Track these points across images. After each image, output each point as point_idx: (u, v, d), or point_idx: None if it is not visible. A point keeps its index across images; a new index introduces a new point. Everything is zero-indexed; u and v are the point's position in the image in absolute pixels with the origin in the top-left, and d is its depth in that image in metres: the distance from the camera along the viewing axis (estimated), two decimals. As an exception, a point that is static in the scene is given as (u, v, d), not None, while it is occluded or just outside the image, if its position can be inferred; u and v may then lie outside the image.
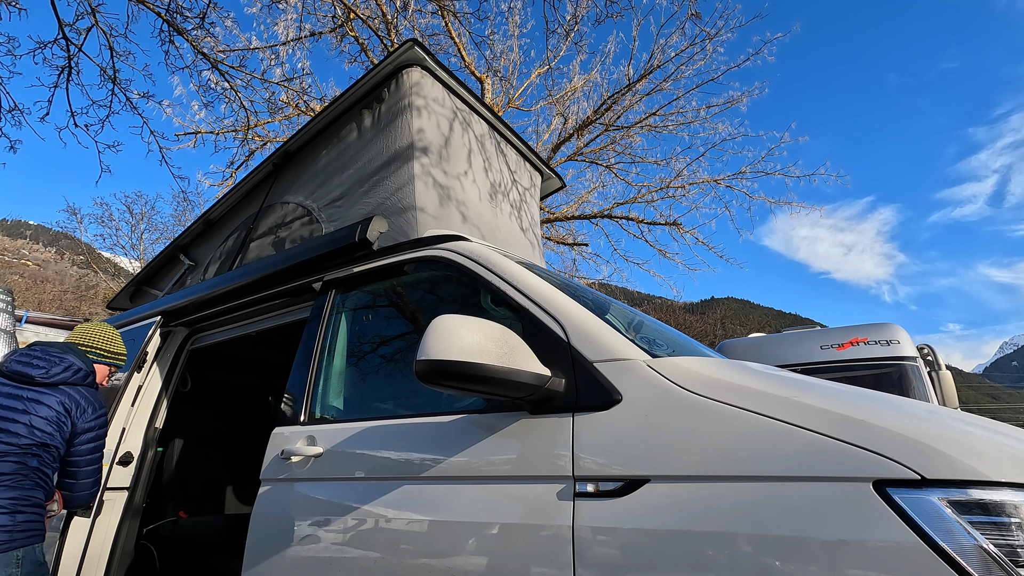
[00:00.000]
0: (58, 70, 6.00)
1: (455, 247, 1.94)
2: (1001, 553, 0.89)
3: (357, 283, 2.27)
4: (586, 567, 1.19)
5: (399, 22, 9.29)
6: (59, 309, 23.44)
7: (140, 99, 6.73)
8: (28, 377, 2.08)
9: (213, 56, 6.83)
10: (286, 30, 8.70)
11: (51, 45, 5.92)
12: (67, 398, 2.10)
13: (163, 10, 6.00)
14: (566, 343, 1.46)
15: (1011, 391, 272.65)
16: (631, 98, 10.91)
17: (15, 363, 2.11)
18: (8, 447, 1.92)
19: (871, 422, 1.06)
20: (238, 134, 8.94)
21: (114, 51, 6.14)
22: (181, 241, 3.97)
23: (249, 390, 4.66)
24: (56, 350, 2.21)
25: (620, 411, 1.30)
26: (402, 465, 1.63)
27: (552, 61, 10.93)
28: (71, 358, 2.20)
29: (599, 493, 1.25)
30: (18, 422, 1.97)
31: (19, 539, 1.84)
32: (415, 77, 2.72)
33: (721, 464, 1.13)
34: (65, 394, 2.10)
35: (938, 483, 0.95)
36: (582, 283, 4.12)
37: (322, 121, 3.05)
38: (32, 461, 1.96)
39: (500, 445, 1.45)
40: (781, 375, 1.37)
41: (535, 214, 3.77)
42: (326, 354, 2.15)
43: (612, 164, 11.78)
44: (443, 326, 1.29)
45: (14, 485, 1.89)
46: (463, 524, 1.41)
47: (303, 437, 1.92)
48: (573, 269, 12.70)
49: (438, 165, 2.66)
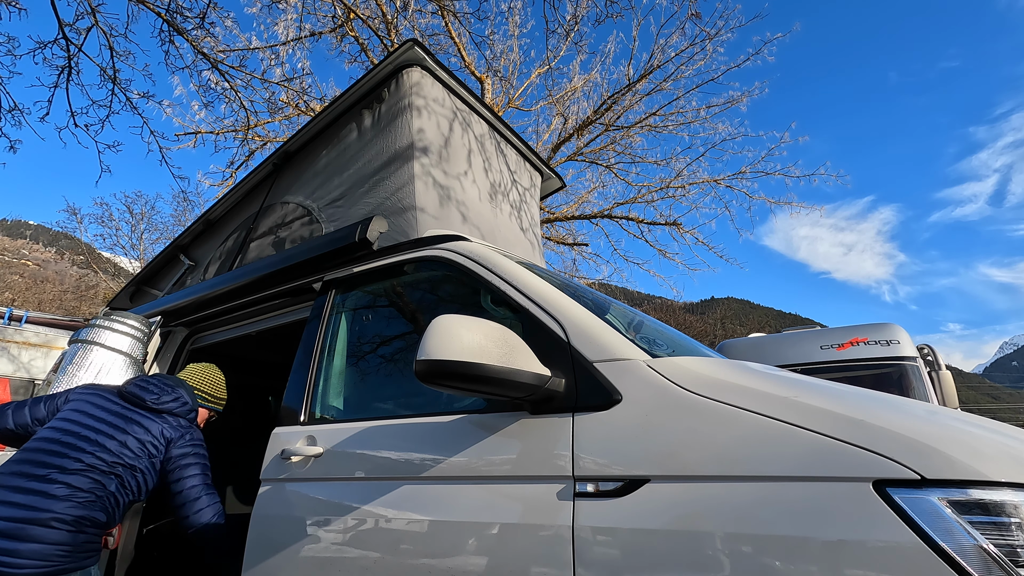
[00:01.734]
0: (58, 70, 6.00)
1: (455, 247, 1.94)
2: (1001, 553, 0.89)
3: (357, 283, 2.27)
4: (586, 567, 1.19)
5: (399, 22, 9.29)
6: (59, 309, 23.41)
7: (140, 99, 6.73)
8: (140, 400, 2.19)
9: (213, 56, 6.83)
10: (286, 30, 8.70)
11: (51, 45, 5.92)
12: (168, 427, 2.16)
13: (163, 10, 6.00)
14: (566, 343, 1.46)
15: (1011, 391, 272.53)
16: (631, 98, 10.92)
17: (133, 386, 2.23)
18: (96, 461, 1.93)
19: (871, 422, 1.06)
20: (238, 134, 8.94)
21: (114, 51, 6.15)
22: (181, 241, 3.97)
23: (249, 390, 4.66)
24: (170, 382, 2.32)
25: (620, 411, 1.30)
26: (402, 465, 1.63)
27: (552, 61, 10.94)
28: (182, 391, 2.30)
29: (599, 493, 1.25)
30: (113, 439, 2.02)
31: (79, 560, 1.80)
32: (415, 77, 2.72)
33: (721, 464, 1.13)
34: (167, 423, 2.17)
35: (938, 483, 0.95)
36: (582, 283, 4.12)
37: (322, 121, 3.05)
38: (111, 484, 1.94)
39: (500, 445, 1.45)
40: (781, 375, 1.37)
41: (535, 214, 3.77)
42: (326, 354, 2.15)
43: (612, 164, 11.78)
44: (443, 326, 1.29)
45: (84, 504, 1.84)
46: (463, 524, 1.41)
47: (303, 437, 1.92)
48: (573, 269, 12.71)
49: (438, 165, 2.66)
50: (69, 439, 1.96)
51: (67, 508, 1.79)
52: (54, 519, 1.75)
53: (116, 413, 2.12)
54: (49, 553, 1.71)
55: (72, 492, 1.83)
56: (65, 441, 1.95)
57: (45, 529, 1.73)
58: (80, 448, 1.94)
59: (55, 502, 1.78)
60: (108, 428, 2.05)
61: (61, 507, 1.78)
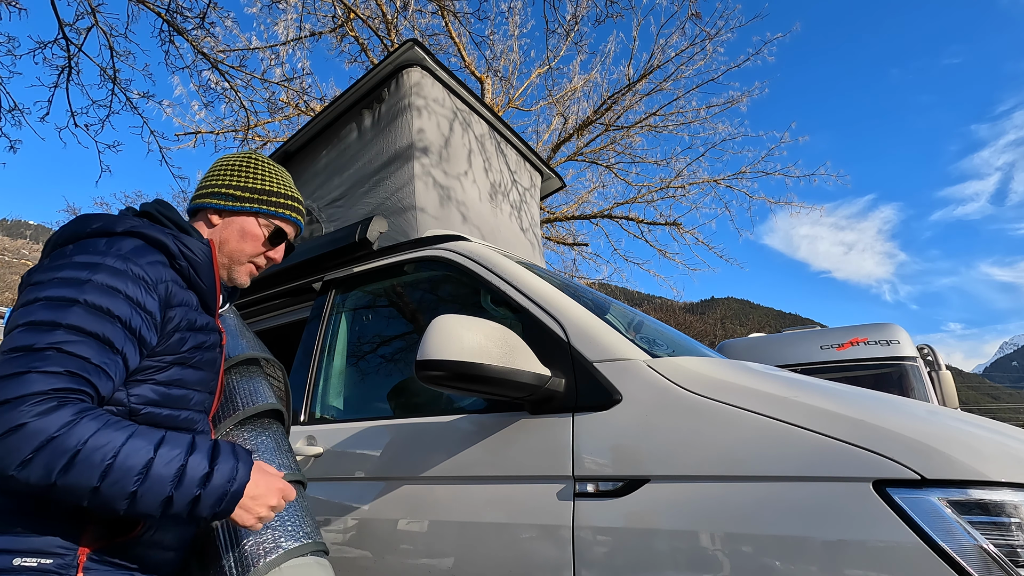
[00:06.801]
0: (58, 70, 6.00)
1: (455, 247, 1.94)
2: (1001, 553, 0.89)
3: (357, 283, 2.27)
4: (586, 567, 1.19)
5: (399, 22, 9.29)
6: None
7: (140, 99, 6.74)
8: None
9: (213, 56, 6.83)
10: (286, 30, 8.70)
11: (51, 45, 5.93)
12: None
13: (163, 10, 6.00)
14: (566, 343, 1.46)
15: (1011, 391, 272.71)
16: (631, 98, 10.91)
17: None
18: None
19: (871, 422, 1.06)
20: (238, 134, 8.94)
21: (114, 51, 6.15)
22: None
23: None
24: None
25: (620, 411, 1.30)
26: (402, 465, 1.63)
27: (552, 61, 10.93)
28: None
29: (599, 493, 1.25)
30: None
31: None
32: (415, 77, 2.72)
33: (721, 464, 1.13)
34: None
35: (938, 483, 0.96)
36: (582, 283, 4.12)
37: (322, 121, 3.04)
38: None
39: (500, 445, 1.45)
40: (781, 375, 1.37)
41: (535, 214, 3.77)
42: (326, 354, 2.15)
43: (612, 164, 11.78)
44: (443, 326, 1.29)
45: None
46: (463, 524, 1.41)
47: (303, 437, 1.92)
48: (573, 269, 12.70)
49: (438, 165, 2.66)
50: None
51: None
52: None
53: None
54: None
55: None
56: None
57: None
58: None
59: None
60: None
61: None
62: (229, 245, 1.27)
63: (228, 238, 1.27)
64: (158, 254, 1.07)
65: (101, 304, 0.94)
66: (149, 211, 1.17)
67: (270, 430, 1.37)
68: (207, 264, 1.14)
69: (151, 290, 1.02)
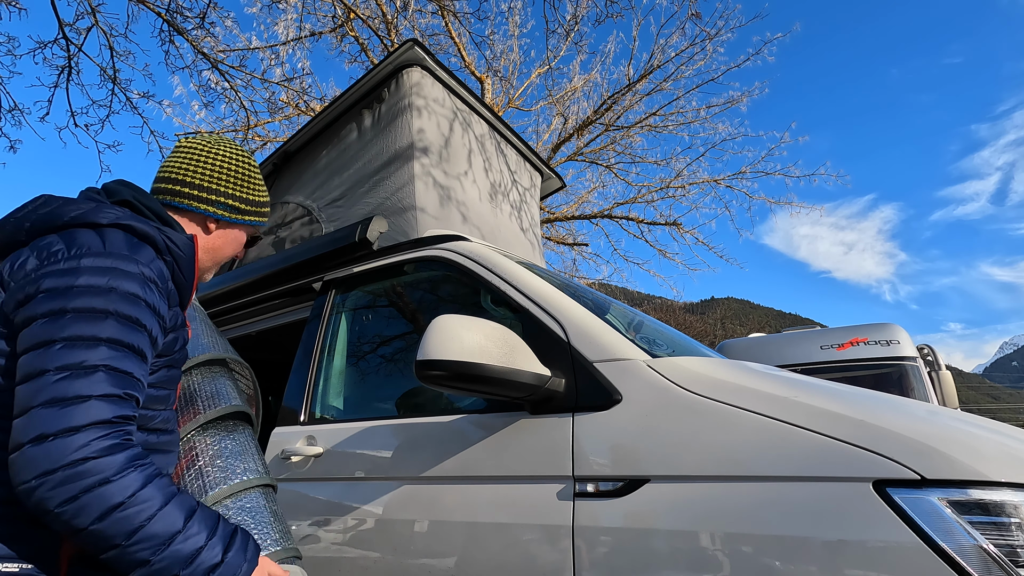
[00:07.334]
0: (58, 70, 6.01)
1: (455, 247, 1.94)
2: (1001, 553, 0.89)
3: (357, 283, 2.27)
4: (586, 567, 1.19)
5: (399, 22, 9.29)
6: (59, 309, 23.35)
7: (140, 99, 6.75)
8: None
9: (213, 56, 6.84)
10: (286, 30, 8.70)
11: (51, 45, 5.93)
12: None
13: (163, 10, 6.00)
14: (566, 343, 1.46)
15: (1011, 391, 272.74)
16: (631, 98, 10.91)
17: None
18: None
19: (871, 422, 1.06)
20: (238, 134, 8.94)
21: (114, 51, 6.15)
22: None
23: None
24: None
25: (620, 411, 1.30)
26: (402, 465, 1.63)
27: (552, 61, 10.93)
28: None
29: (599, 493, 1.25)
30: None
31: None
32: (415, 77, 2.72)
33: (721, 464, 1.13)
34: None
35: (938, 483, 0.96)
36: (582, 283, 4.12)
37: (322, 121, 3.04)
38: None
39: (500, 445, 1.45)
40: (781, 375, 1.37)
41: (535, 214, 3.77)
42: (326, 354, 2.15)
43: (612, 164, 11.78)
44: (443, 326, 1.29)
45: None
46: (463, 524, 1.41)
47: (303, 437, 1.92)
48: (573, 269, 12.69)
49: (438, 165, 2.66)
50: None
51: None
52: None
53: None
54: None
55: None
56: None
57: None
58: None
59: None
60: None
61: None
62: (222, 251, 1.25)
63: (222, 246, 1.25)
64: (150, 249, 1.02)
65: (130, 314, 0.93)
66: (127, 199, 1.10)
67: (235, 433, 1.34)
68: (190, 260, 1.10)
69: (162, 293, 1.01)
